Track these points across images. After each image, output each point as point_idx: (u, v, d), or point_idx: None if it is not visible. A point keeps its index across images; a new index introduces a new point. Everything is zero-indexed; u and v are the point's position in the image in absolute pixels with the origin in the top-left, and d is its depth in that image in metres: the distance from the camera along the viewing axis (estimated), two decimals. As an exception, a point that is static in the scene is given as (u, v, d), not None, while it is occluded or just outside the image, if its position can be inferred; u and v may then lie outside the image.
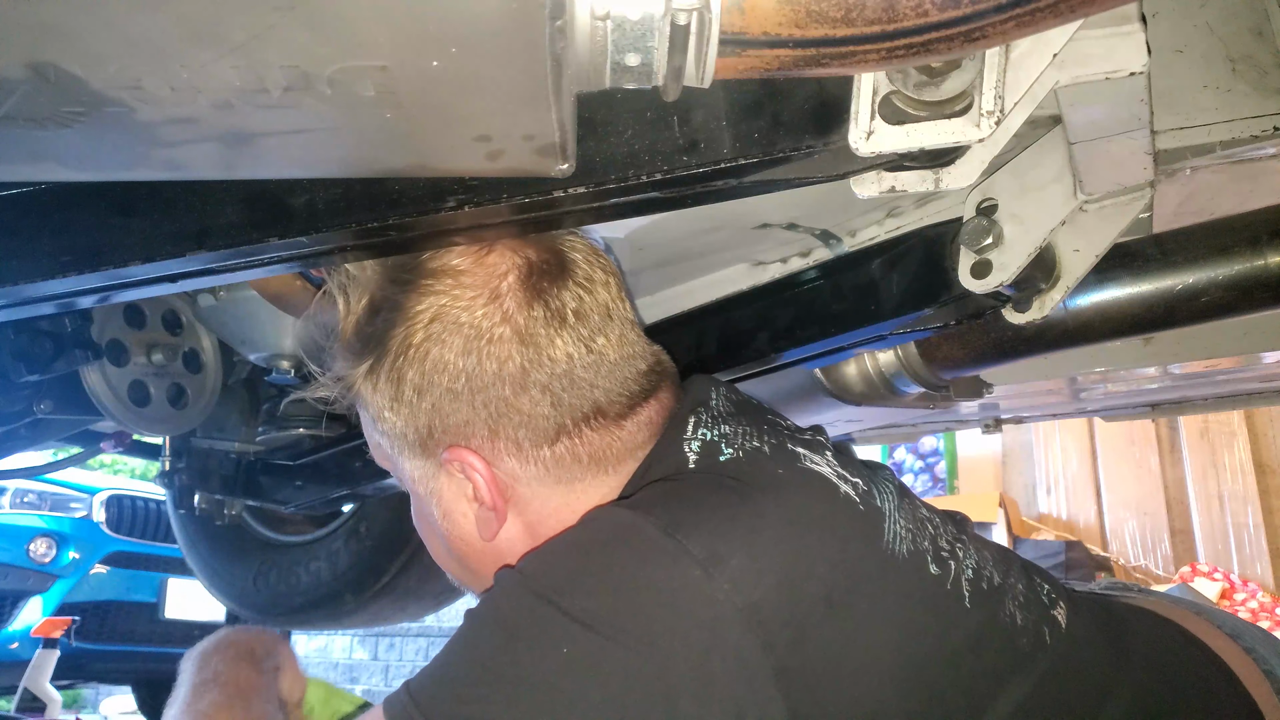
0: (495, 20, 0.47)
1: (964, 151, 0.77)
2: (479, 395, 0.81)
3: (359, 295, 0.87)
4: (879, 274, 1.14)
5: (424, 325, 0.81)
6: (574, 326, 0.83)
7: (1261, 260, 1.05)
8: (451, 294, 0.82)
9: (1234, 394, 2.06)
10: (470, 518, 0.87)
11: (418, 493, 0.91)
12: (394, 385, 0.83)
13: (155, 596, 4.82)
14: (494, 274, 0.82)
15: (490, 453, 0.83)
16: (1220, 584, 4.18)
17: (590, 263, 0.87)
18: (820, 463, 0.82)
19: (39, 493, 4.67)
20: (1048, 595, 0.87)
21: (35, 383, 1.53)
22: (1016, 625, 0.80)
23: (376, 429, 0.89)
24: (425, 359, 0.81)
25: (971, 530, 0.92)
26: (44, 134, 0.56)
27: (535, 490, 0.85)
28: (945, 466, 5.69)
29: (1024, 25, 0.54)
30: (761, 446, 0.81)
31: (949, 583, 0.78)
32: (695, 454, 0.81)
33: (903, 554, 0.76)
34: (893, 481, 0.88)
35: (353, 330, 0.87)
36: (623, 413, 0.85)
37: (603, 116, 0.71)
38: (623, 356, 0.86)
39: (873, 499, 0.80)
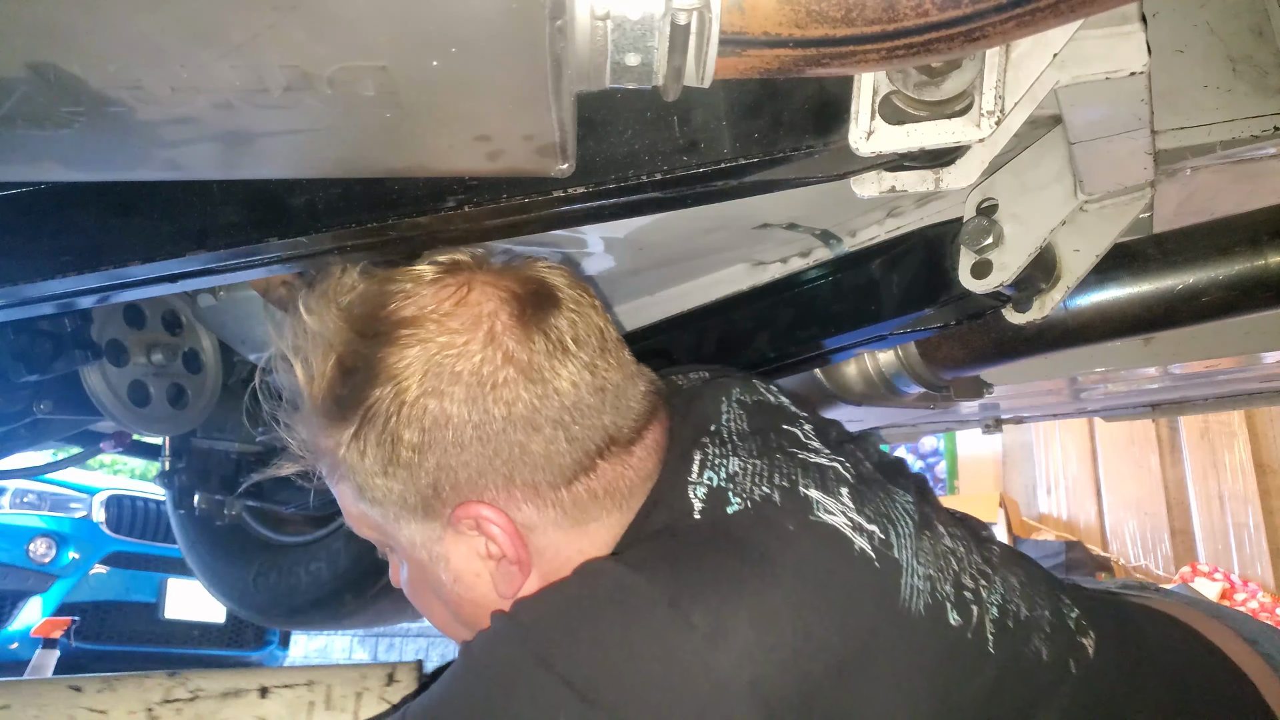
0: (495, 20, 0.47)
1: (964, 151, 0.77)
2: (490, 444, 0.75)
3: (322, 356, 0.79)
4: (879, 274, 1.14)
5: (417, 379, 0.75)
6: (575, 354, 0.78)
7: (1262, 260, 1.05)
8: (440, 341, 0.75)
9: (1234, 394, 2.06)
10: (486, 577, 0.81)
11: (419, 560, 0.83)
12: (388, 448, 0.76)
13: (155, 597, 4.81)
14: (482, 313, 0.77)
15: (506, 502, 0.78)
16: (1220, 584, 4.18)
17: (573, 286, 0.83)
18: (835, 509, 0.78)
19: (39, 493, 4.67)
20: (1076, 622, 0.85)
21: (35, 383, 1.53)
22: (1041, 661, 0.78)
23: (363, 498, 0.81)
24: (424, 415, 0.75)
25: (997, 547, 0.89)
26: (44, 134, 0.56)
27: (552, 537, 0.80)
28: (945, 466, 5.69)
29: (1024, 25, 0.54)
30: (771, 494, 0.77)
31: (970, 631, 0.76)
32: (701, 502, 0.77)
33: (920, 611, 0.74)
34: (912, 511, 0.84)
35: (325, 395, 0.78)
36: (632, 438, 0.81)
37: (603, 116, 0.71)
38: (625, 377, 0.82)
39: (889, 549, 0.76)
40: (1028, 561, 0.93)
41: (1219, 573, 4.27)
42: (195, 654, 4.89)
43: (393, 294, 0.79)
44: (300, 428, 0.83)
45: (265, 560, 2.30)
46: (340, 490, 0.83)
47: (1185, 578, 4.30)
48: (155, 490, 4.44)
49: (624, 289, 1.43)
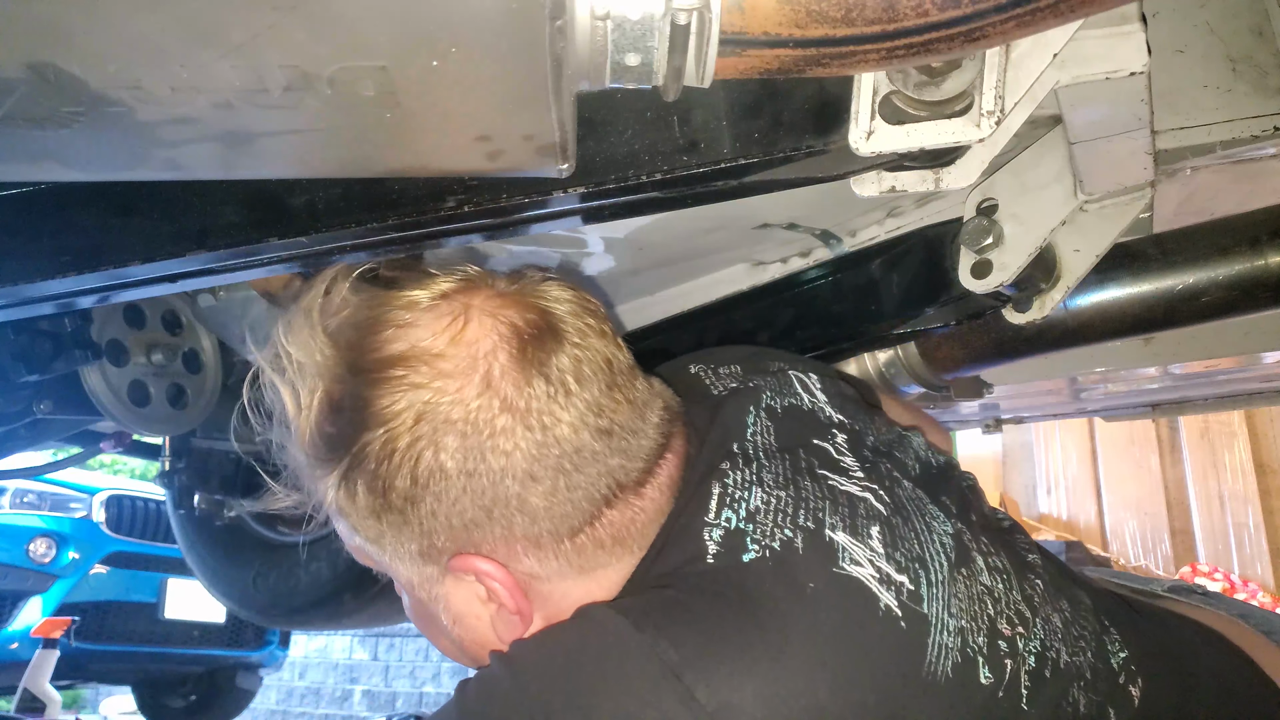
0: (495, 20, 0.47)
1: (964, 151, 0.77)
2: (485, 496, 0.70)
3: (310, 389, 0.73)
4: (879, 274, 1.14)
5: (408, 427, 0.69)
6: (578, 395, 0.72)
7: (1261, 260, 1.05)
8: (434, 386, 0.70)
9: (1234, 394, 2.06)
10: (486, 620, 0.77)
11: (418, 598, 0.79)
12: (378, 495, 0.71)
13: (155, 597, 4.81)
14: (478, 354, 0.71)
15: (506, 555, 0.73)
16: (1220, 584, 4.18)
17: (577, 313, 0.76)
18: (861, 558, 0.72)
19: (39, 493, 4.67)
20: (1124, 666, 0.81)
21: (35, 383, 1.53)
22: (1078, 713, 0.75)
23: (357, 536, 0.76)
24: (417, 465, 0.70)
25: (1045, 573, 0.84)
26: (44, 134, 0.56)
27: (557, 585, 0.75)
28: (945, 466, 5.68)
29: (1024, 25, 0.54)
30: (794, 539, 0.72)
31: (1003, 689, 0.72)
32: (715, 545, 0.72)
33: (947, 674, 0.69)
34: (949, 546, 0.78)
35: (314, 431, 0.73)
36: (641, 479, 0.75)
37: (603, 116, 0.71)
38: (634, 413, 0.76)
39: (919, 603, 0.71)
40: (1078, 587, 0.88)
41: (1219, 572, 4.27)
42: (195, 654, 4.89)
43: (383, 324, 0.73)
44: (290, 458, 0.78)
45: (265, 560, 2.30)
46: (336, 523, 0.79)
47: (1185, 578, 4.29)
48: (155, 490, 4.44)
49: (624, 289, 1.43)
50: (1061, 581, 0.87)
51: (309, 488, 0.77)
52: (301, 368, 0.73)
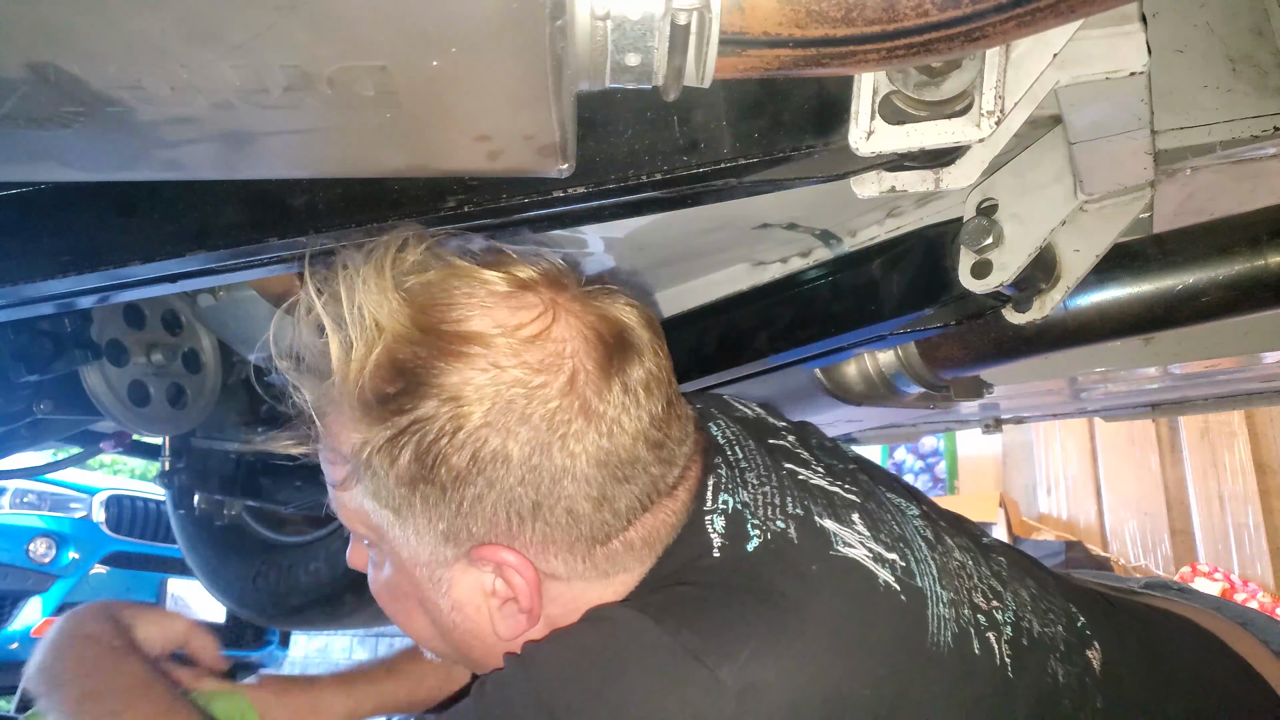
0: (495, 20, 0.47)
1: (964, 151, 0.77)
2: (539, 492, 0.69)
3: (368, 343, 0.70)
4: (879, 274, 1.14)
5: (482, 408, 0.68)
6: (645, 407, 0.72)
7: (1261, 260, 1.05)
8: (513, 373, 0.68)
9: (1234, 394, 2.06)
10: (485, 613, 0.75)
11: (415, 577, 0.76)
12: (427, 466, 0.69)
13: (155, 597, 4.81)
14: (564, 353, 0.70)
15: (537, 553, 0.72)
16: (1220, 584, 4.18)
17: (647, 328, 0.76)
18: (853, 540, 0.75)
19: (39, 493, 4.67)
20: (1082, 631, 0.84)
21: (35, 383, 1.53)
22: (1059, 684, 0.77)
23: (374, 499, 0.74)
24: (482, 446, 0.68)
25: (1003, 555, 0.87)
26: (44, 134, 0.56)
27: (574, 586, 0.75)
28: (945, 467, 5.69)
29: (1024, 25, 0.54)
30: (788, 529, 0.74)
31: (996, 658, 0.74)
32: (719, 535, 0.74)
33: (948, 644, 0.72)
34: (922, 528, 0.81)
35: (367, 386, 0.70)
36: (676, 482, 0.76)
37: (603, 116, 0.71)
38: (680, 425, 0.77)
39: (913, 577, 0.74)
40: (1035, 565, 0.92)
41: (1219, 573, 4.27)
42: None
43: (466, 296, 0.71)
44: (314, 395, 0.75)
45: (265, 560, 2.30)
46: (341, 477, 0.76)
47: (1185, 578, 4.29)
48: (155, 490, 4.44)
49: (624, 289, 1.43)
50: (1021, 559, 0.90)
51: (332, 433, 0.75)
52: (362, 314, 0.70)
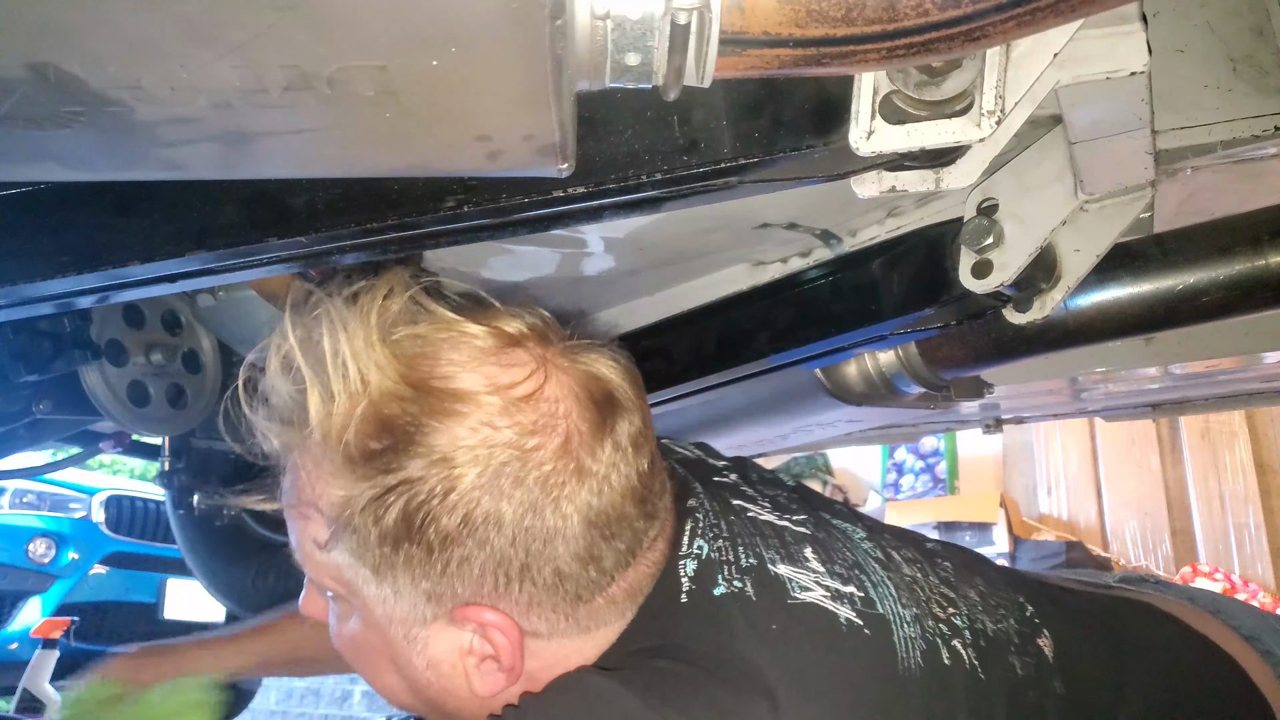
0: (495, 20, 0.47)
1: (964, 151, 0.77)
2: (529, 554, 0.68)
3: (352, 397, 0.68)
4: (879, 274, 1.14)
5: (475, 471, 0.66)
6: (633, 463, 0.72)
7: (1262, 260, 1.05)
8: (507, 434, 0.67)
9: (1235, 394, 2.06)
10: (463, 670, 0.73)
11: (388, 635, 0.74)
12: (410, 526, 0.67)
13: (155, 597, 4.81)
14: (558, 412, 0.69)
15: (522, 613, 0.71)
16: (1221, 584, 4.18)
17: (626, 379, 0.75)
18: (809, 581, 0.75)
19: (38, 493, 4.67)
20: (1030, 620, 0.85)
21: (34, 383, 1.53)
22: (1020, 677, 0.78)
23: (347, 552, 0.70)
24: (474, 509, 0.66)
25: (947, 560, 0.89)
26: (44, 134, 0.56)
27: (555, 643, 0.74)
28: (946, 467, 5.69)
29: (1025, 25, 0.54)
30: (745, 587, 0.74)
31: (966, 663, 0.75)
32: (689, 579, 0.75)
33: (918, 664, 0.72)
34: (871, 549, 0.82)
35: (352, 443, 0.67)
36: (656, 536, 0.76)
37: (603, 116, 0.71)
38: (660, 478, 0.77)
39: (873, 605, 0.75)
40: (978, 560, 0.93)
41: (1219, 573, 4.27)
42: (195, 654, 4.88)
43: (449, 350, 0.69)
44: (285, 443, 0.73)
45: (265, 560, 2.30)
46: (311, 529, 0.73)
47: (1186, 578, 4.29)
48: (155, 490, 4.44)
49: (624, 289, 1.43)
50: (964, 558, 0.91)
51: (309, 485, 0.72)
52: (346, 369, 0.68)
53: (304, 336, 0.71)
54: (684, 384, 1.36)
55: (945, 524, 4.96)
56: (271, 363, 0.72)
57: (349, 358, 0.68)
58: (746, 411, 1.70)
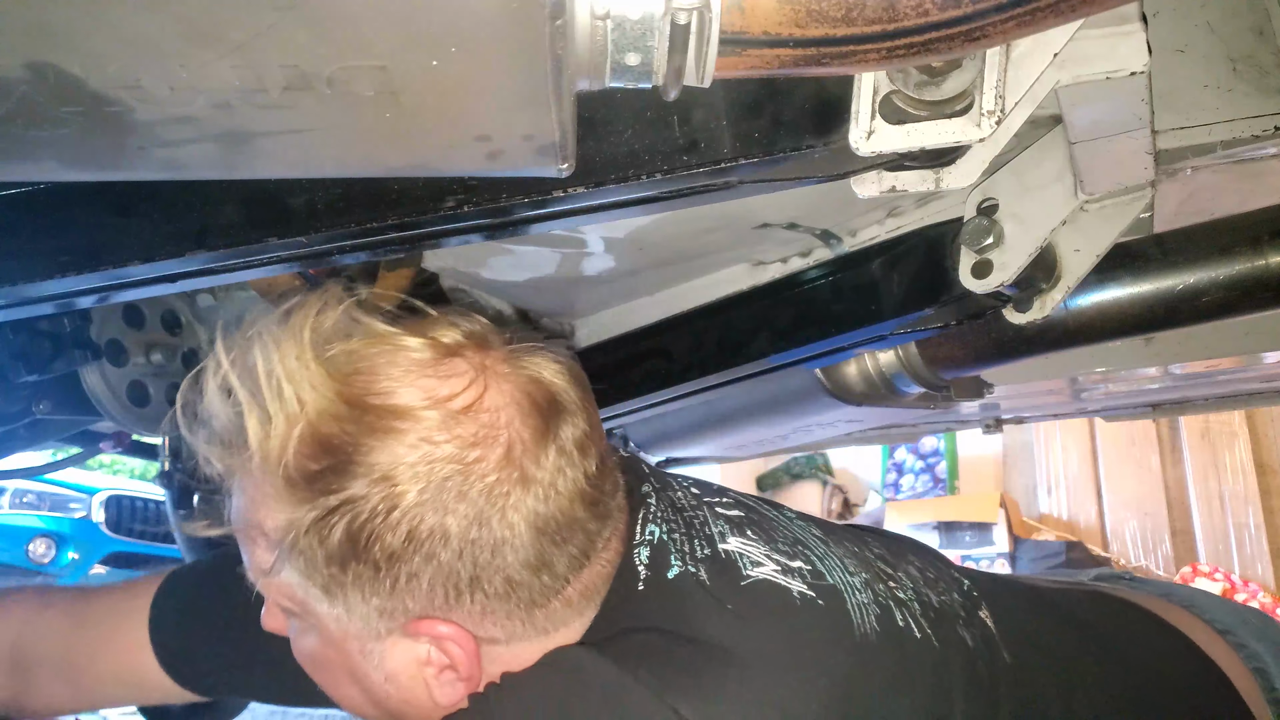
0: (495, 20, 0.47)
1: (964, 151, 0.77)
2: (478, 566, 0.67)
3: (289, 419, 0.66)
4: (879, 274, 1.14)
5: (416, 487, 0.65)
6: (580, 466, 0.71)
7: (1262, 260, 1.05)
8: (446, 449, 0.66)
9: (1235, 394, 2.06)
10: (422, 681, 0.73)
11: (345, 649, 0.73)
12: (355, 545, 0.66)
13: (155, 597, 4.81)
14: (499, 422, 0.68)
15: (475, 623, 0.70)
16: (1221, 584, 4.18)
17: (571, 383, 0.75)
18: (759, 556, 0.76)
19: (38, 493, 4.67)
20: (970, 593, 0.87)
21: (34, 383, 1.53)
22: (971, 648, 0.79)
23: (296, 572, 0.70)
24: (418, 525, 0.66)
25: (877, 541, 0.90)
26: (44, 134, 0.56)
27: (514, 647, 0.73)
28: (946, 467, 5.69)
29: (1025, 25, 0.54)
30: (699, 572, 0.74)
31: (917, 630, 0.76)
32: (644, 566, 0.75)
33: (874, 628, 0.73)
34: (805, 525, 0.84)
35: (291, 465, 0.66)
36: (610, 536, 0.76)
37: (603, 116, 0.71)
38: (611, 478, 0.76)
39: (822, 577, 0.75)
40: (910, 543, 0.94)
41: (1219, 573, 4.27)
42: (195, 654, 4.88)
43: (391, 366, 0.68)
44: (227, 466, 0.71)
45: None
46: (259, 554, 0.72)
47: (1186, 578, 4.30)
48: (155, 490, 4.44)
49: (624, 289, 1.43)
50: (898, 540, 0.93)
51: (252, 507, 0.71)
52: (280, 390, 0.67)
53: (239, 358, 0.70)
54: (684, 384, 1.36)
55: (945, 524, 4.96)
56: (209, 386, 0.71)
57: (283, 378, 0.67)
58: (746, 411, 1.71)
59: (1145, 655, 0.92)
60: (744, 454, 2.61)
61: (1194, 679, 0.90)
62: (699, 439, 1.98)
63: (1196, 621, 0.97)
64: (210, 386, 0.71)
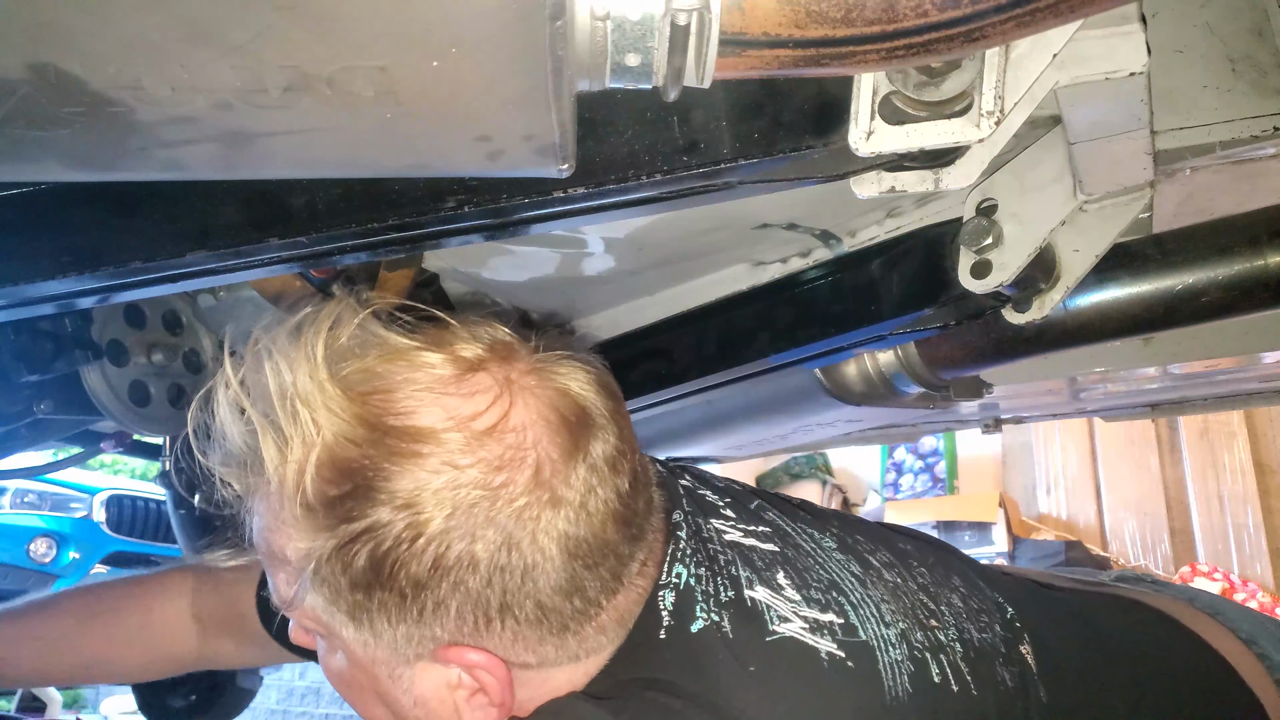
0: (495, 21, 0.47)
1: (964, 152, 0.77)
2: (508, 594, 0.65)
3: (306, 443, 0.64)
4: (879, 274, 1.14)
5: (443, 514, 0.63)
6: (611, 484, 0.69)
7: (1261, 260, 1.05)
8: (475, 474, 0.63)
9: (1234, 394, 2.06)
10: (453, 704, 0.71)
11: (373, 674, 0.71)
12: (379, 574, 0.64)
13: (155, 596, 4.81)
14: (525, 443, 0.65)
15: (508, 649, 0.68)
16: (1220, 584, 4.18)
17: (602, 394, 0.72)
18: (787, 611, 0.72)
19: (39, 493, 4.67)
20: (1012, 624, 0.83)
21: (35, 383, 1.53)
22: (1010, 689, 0.77)
23: (321, 599, 0.68)
24: (446, 553, 0.63)
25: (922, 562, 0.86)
26: (44, 134, 0.56)
27: (545, 672, 0.71)
28: (945, 466, 5.69)
29: (1024, 25, 0.54)
30: (723, 621, 0.71)
31: (954, 681, 0.73)
32: (668, 614, 0.72)
33: (906, 689, 0.70)
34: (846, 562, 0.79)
35: (310, 491, 0.64)
36: (646, 557, 0.73)
37: (603, 116, 0.71)
38: (645, 497, 0.73)
39: (854, 633, 0.72)
40: (954, 556, 0.90)
41: (1218, 573, 4.27)
42: (195, 654, 4.88)
43: (410, 385, 0.65)
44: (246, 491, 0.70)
45: (265, 560, 2.29)
46: (282, 580, 0.71)
47: (1185, 578, 4.30)
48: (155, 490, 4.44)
49: (624, 289, 1.43)
50: (942, 557, 0.88)
51: (273, 533, 0.69)
52: (296, 413, 0.64)
53: (250, 376, 0.67)
54: (684, 384, 1.36)
55: (945, 524, 4.96)
56: (220, 406, 0.69)
57: (298, 400, 0.64)
58: (746, 411, 1.71)
59: (1169, 664, 0.90)
60: (744, 454, 2.61)
61: (1215, 686, 0.89)
62: (699, 439, 1.98)
63: (1221, 630, 0.95)
64: (222, 407, 0.68)
